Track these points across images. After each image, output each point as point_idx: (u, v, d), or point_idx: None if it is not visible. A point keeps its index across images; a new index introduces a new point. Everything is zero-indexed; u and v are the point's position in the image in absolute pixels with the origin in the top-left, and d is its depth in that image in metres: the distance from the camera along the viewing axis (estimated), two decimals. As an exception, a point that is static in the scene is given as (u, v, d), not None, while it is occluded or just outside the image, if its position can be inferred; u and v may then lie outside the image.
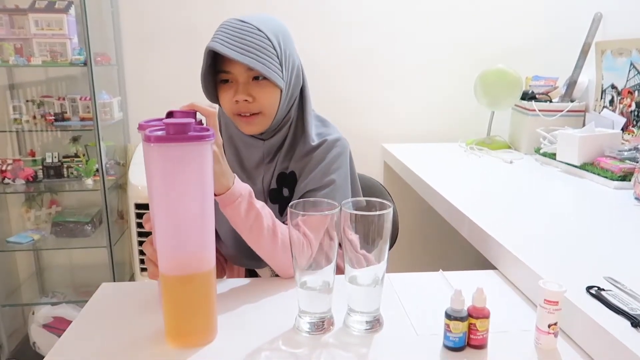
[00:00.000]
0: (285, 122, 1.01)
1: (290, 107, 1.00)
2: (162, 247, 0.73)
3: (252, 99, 0.93)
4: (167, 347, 0.75)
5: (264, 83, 0.93)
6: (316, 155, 1.00)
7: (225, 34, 0.89)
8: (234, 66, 0.92)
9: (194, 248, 0.73)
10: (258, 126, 0.97)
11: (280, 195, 1.02)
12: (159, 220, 0.72)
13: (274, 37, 0.92)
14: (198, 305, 0.75)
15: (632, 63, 1.69)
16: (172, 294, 0.74)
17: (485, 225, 1.11)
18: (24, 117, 1.95)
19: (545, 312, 0.72)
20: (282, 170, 1.02)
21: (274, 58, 0.91)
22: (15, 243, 1.97)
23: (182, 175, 0.69)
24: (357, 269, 0.77)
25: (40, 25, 1.82)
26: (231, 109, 0.96)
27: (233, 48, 0.88)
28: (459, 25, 2.13)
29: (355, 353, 0.74)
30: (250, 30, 0.90)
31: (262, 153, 1.01)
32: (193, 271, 0.73)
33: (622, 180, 1.42)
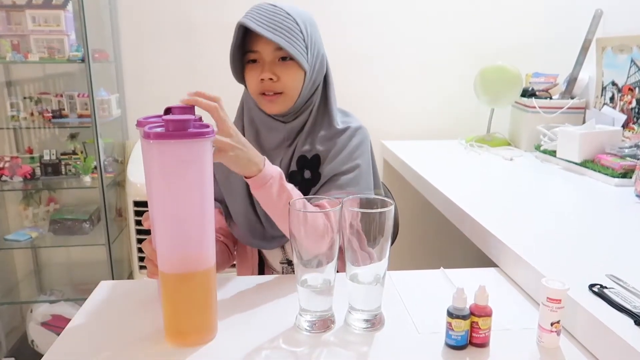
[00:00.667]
0: (307, 107, 1.03)
1: (313, 93, 1.03)
2: (161, 246, 0.72)
3: (276, 78, 0.96)
4: (166, 345, 0.74)
5: (289, 64, 0.96)
6: (341, 140, 1.03)
7: (257, 13, 0.93)
8: (262, 45, 0.95)
9: (194, 246, 0.72)
10: (280, 106, 0.99)
11: (300, 177, 1.04)
12: (158, 219, 0.71)
13: (302, 22, 0.96)
14: (197, 303, 0.74)
15: (633, 60, 1.69)
16: (172, 292, 0.73)
17: (486, 222, 1.10)
18: (22, 114, 1.94)
19: (548, 310, 0.72)
20: (304, 153, 1.03)
21: (300, 40, 0.95)
22: (13, 241, 1.96)
23: (182, 172, 0.68)
24: (361, 266, 0.76)
25: (37, 21, 1.80)
26: (257, 88, 0.98)
27: (263, 26, 0.91)
28: (458, 22, 2.12)
29: (356, 352, 0.73)
30: (280, 13, 0.94)
31: (283, 136, 1.03)
32: (192, 269, 0.72)
33: (623, 177, 1.41)
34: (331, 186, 1.00)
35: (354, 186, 1.00)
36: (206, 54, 2.06)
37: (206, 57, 2.06)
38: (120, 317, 0.83)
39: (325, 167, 1.02)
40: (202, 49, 2.06)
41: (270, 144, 1.05)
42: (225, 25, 2.09)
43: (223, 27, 2.07)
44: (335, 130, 1.03)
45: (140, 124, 0.72)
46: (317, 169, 1.03)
